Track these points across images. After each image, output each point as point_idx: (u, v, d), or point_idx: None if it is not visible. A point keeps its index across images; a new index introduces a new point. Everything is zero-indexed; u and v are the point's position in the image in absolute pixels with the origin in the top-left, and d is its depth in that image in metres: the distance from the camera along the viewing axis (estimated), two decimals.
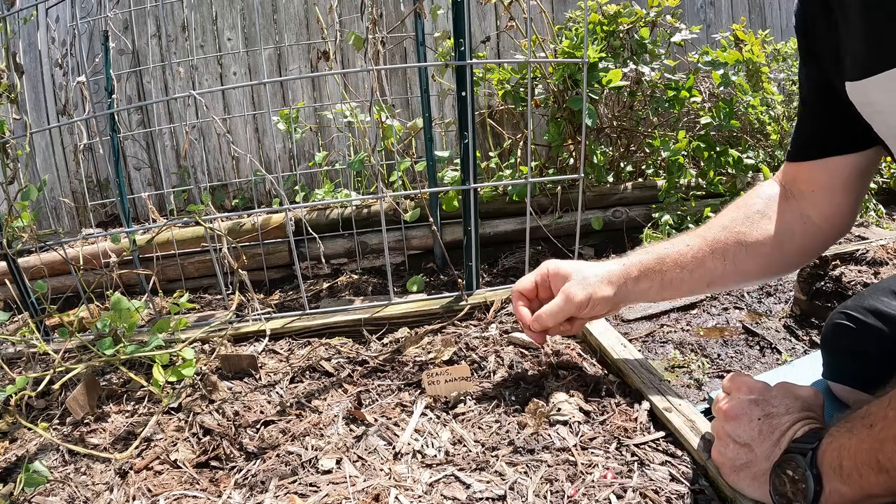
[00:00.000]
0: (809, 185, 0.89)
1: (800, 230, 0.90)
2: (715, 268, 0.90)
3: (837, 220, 0.90)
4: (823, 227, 0.90)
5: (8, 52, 1.24)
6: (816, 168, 0.87)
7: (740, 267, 0.90)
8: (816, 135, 0.86)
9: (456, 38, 1.26)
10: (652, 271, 0.92)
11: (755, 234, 0.90)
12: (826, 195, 0.88)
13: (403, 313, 1.29)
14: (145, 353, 1.04)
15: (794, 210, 0.90)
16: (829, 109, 0.81)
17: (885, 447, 0.54)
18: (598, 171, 2.22)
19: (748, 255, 0.89)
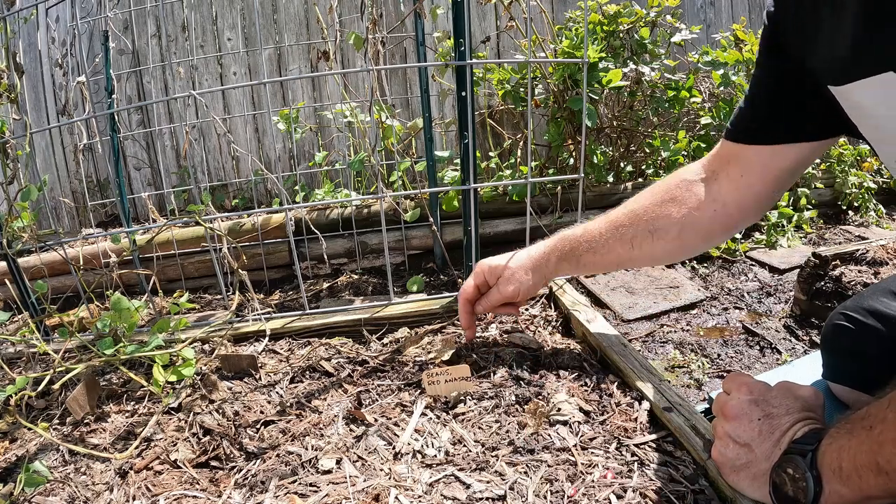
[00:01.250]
0: (742, 170, 0.89)
1: (709, 218, 0.94)
2: (622, 252, 1.00)
3: (751, 210, 0.93)
4: (735, 215, 0.93)
5: (8, 52, 1.24)
6: (760, 153, 0.87)
7: (646, 251, 0.98)
8: (773, 121, 0.85)
9: (456, 38, 1.26)
10: (569, 256, 1.04)
11: (661, 220, 0.96)
12: (754, 182, 0.89)
13: (403, 313, 1.29)
14: (145, 353, 1.04)
15: (710, 197, 0.93)
16: (797, 100, 0.81)
17: (884, 449, 0.54)
18: (598, 171, 2.22)
19: (654, 242, 0.97)
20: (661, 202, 0.97)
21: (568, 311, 1.23)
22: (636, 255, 0.99)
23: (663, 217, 0.96)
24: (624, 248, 0.99)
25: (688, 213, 0.94)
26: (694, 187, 0.95)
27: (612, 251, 1.00)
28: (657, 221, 0.96)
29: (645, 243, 0.97)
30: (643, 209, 0.98)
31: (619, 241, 0.99)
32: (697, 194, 0.94)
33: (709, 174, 0.95)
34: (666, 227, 0.95)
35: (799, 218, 2.36)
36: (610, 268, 1.06)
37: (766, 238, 2.22)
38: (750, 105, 0.88)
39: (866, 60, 0.62)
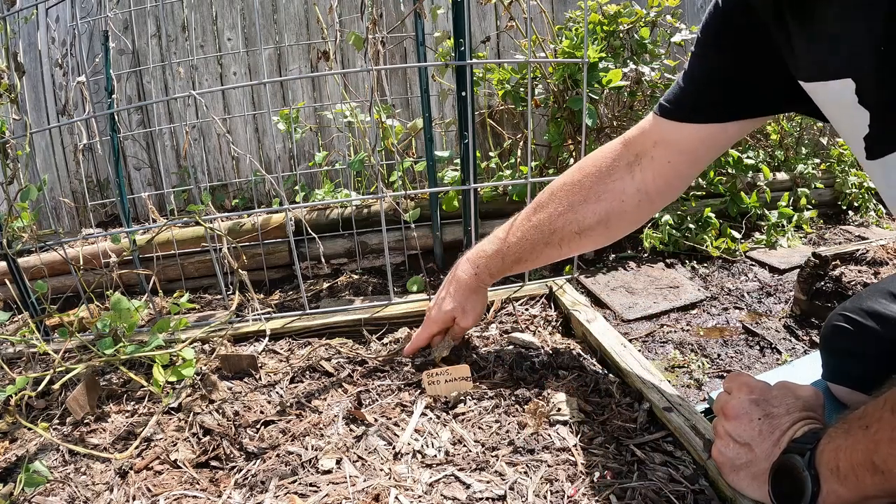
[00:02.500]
0: (672, 151, 0.88)
1: (633, 208, 0.94)
2: (552, 253, 1.03)
3: (671, 193, 0.94)
4: (656, 200, 0.94)
5: (8, 53, 1.24)
6: (699, 131, 0.84)
7: (574, 247, 1.02)
8: (725, 97, 0.81)
9: (456, 38, 1.26)
10: (500, 271, 1.08)
11: (587, 220, 0.97)
12: (682, 166, 0.88)
13: (403, 313, 1.29)
14: (145, 353, 1.04)
15: (634, 187, 0.93)
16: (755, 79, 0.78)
17: (881, 448, 0.54)
18: None
19: (581, 240, 0.99)
20: (584, 202, 0.97)
21: (568, 311, 1.24)
22: (565, 252, 1.03)
23: (588, 217, 0.96)
24: (552, 251, 1.02)
25: (613, 208, 0.95)
26: (616, 180, 0.94)
27: (540, 255, 1.03)
28: (583, 222, 0.97)
29: (573, 242, 1.00)
30: (566, 212, 0.98)
31: (547, 246, 1.01)
32: (620, 188, 0.94)
33: (631, 158, 0.93)
34: (592, 226, 0.97)
35: (799, 218, 2.36)
36: (538, 266, 1.11)
37: (766, 238, 2.22)
38: (693, 82, 0.84)
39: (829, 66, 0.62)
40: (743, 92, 0.80)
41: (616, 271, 2.02)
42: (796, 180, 2.52)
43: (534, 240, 1.02)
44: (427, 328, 1.12)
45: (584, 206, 0.97)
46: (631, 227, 1.01)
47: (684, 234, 2.16)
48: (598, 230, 0.98)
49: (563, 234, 0.99)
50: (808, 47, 0.65)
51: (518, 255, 1.04)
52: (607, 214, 0.96)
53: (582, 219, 0.97)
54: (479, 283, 1.09)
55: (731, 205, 2.35)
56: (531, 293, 1.36)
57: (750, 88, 0.79)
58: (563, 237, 0.99)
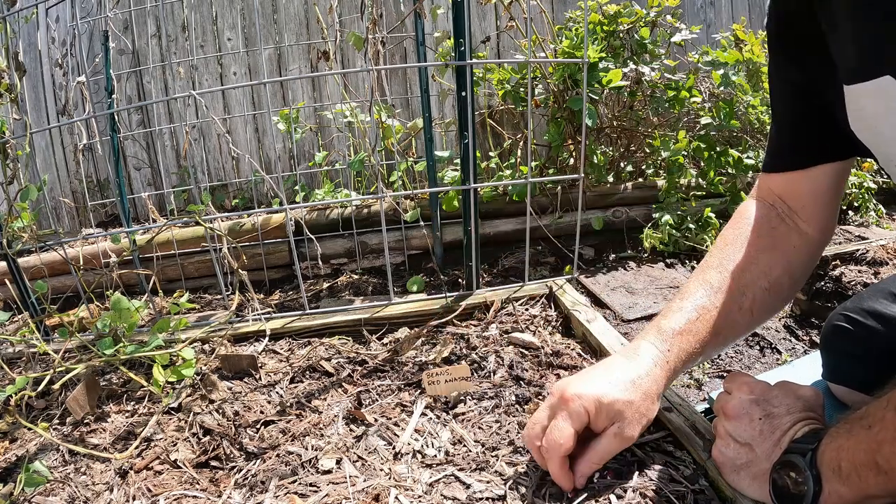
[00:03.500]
0: (795, 198, 0.84)
1: (805, 251, 0.84)
2: (744, 323, 0.81)
3: (828, 227, 0.86)
4: (818, 238, 0.85)
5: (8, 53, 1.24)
6: (800, 178, 0.82)
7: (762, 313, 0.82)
8: (795, 144, 0.82)
9: (456, 38, 1.26)
10: (693, 355, 0.77)
11: (775, 271, 0.81)
12: (816, 206, 0.83)
13: (403, 313, 1.29)
14: (145, 353, 1.04)
15: (793, 230, 0.84)
16: (804, 116, 0.78)
17: (883, 448, 0.54)
18: (598, 171, 2.22)
19: (769, 297, 0.81)
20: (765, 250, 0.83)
21: (568, 311, 1.23)
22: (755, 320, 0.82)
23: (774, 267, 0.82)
24: (745, 319, 0.80)
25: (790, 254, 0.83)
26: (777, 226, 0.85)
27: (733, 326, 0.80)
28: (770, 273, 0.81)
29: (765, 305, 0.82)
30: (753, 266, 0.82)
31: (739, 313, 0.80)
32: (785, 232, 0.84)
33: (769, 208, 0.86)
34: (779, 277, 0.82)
35: None
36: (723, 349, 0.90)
37: None
38: (774, 130, 0.84)
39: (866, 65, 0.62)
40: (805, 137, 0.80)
41: (616, 271, 2.02)
42: None
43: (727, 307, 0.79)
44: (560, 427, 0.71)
45: (767, 255, 0.82)
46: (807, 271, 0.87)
47: (684, 234, 2.16)
48: (784, 281, 0.82)
49: (754, 291, 0.80)
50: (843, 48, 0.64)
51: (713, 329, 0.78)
52: (788, 261, 0.82)
53: (768, 270, 0.81)
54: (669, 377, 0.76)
55: (731, 205, 2.35)
56: (531, 293, 1.36)
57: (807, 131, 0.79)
58: (754, 296, 0.80)
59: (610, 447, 0.71)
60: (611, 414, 0.71)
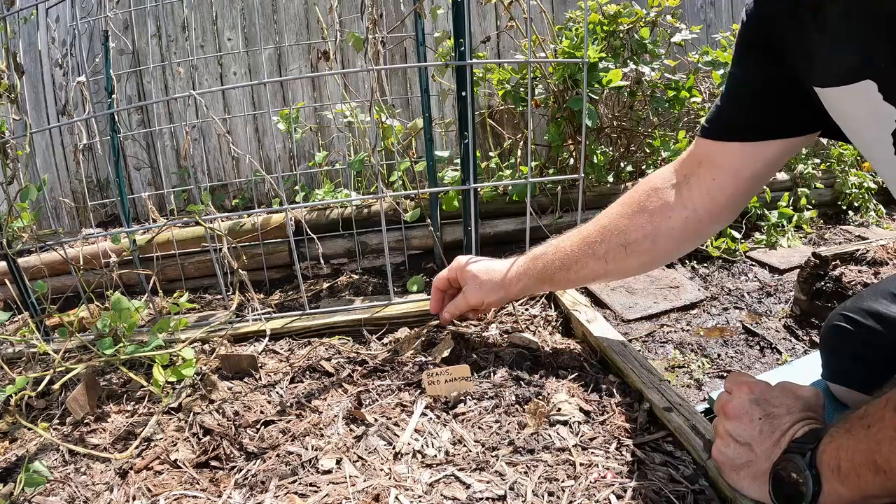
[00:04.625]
0: (715, 171, 0.88)
1: (681, 226, 0.92)
2: (597, 268, 0.99)
3: (722, 215, 0.92)
4: (706, 220, 0.92)
5: (8, 53, 1.24)
6: (738, 150, 0.85)
7: (620, 265, 0.98)
8: (753, 116, 0.83)
9: (456, 38, 1.26)
10: (541, 276, 1.04)
11: (634, 234, 0.95)
12: (727, 185, 0.87)
13: (403, 313, 1.29)
14: (145, 353, 1.04)
15: (681, 203, 0.92)
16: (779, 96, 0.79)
17: (882, 448, 0.54)
18: (598, 171, 2.22)
19: (627, 254, 0.96)
20: (632, 214, 0.96)
21: (568, 311, 1.23)
22: (610, 268, 0.98)
23: (635, 230, 0.95)
24: (598, 264, 0.98)
25: (659, 223, 0.93)
26: (664, 195, 0.94)
27: (585, 267, 1.00)
28: (629, 235, 0.95)
29: (619, 258, 0.97)
30: (614, 223, 0.97)
31: (592, 258, 0.98)
32: (668, 203, 0.93)
33: (680, 178, 0.93)
34: (638, 240, 0.95)
35: (799, 218, 2.36)
36: (584, 282, 1.07)
37: (766, 238, 2.22)
38: (728, 102, 0.86)
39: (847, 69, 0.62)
40: (768, 112, 0.81)
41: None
42: (796, 180, 2.52)
43: (581, 250, 1.00)
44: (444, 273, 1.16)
45: (633, 219, 0.95)
46: (678, 246, 0.98)
47: None
48: (644, 245, 0.95)
49: (609, 245, 0.97)
50: (826, 52, 0.65)
51: (562, 263, 1.01)
52: (654, 229, 0.94)
53: (629, 231, 0.95)
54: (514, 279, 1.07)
55: None
56: None
57: (774, 108, 0.80)
58: (608, 249, 0.97)
59: (458, 301, 1.13)
60: (466, 277, 1.11)
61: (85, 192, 2.86)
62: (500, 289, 1.08)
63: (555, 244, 1.05)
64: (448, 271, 1.16)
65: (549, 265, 1.03)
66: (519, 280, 1.07)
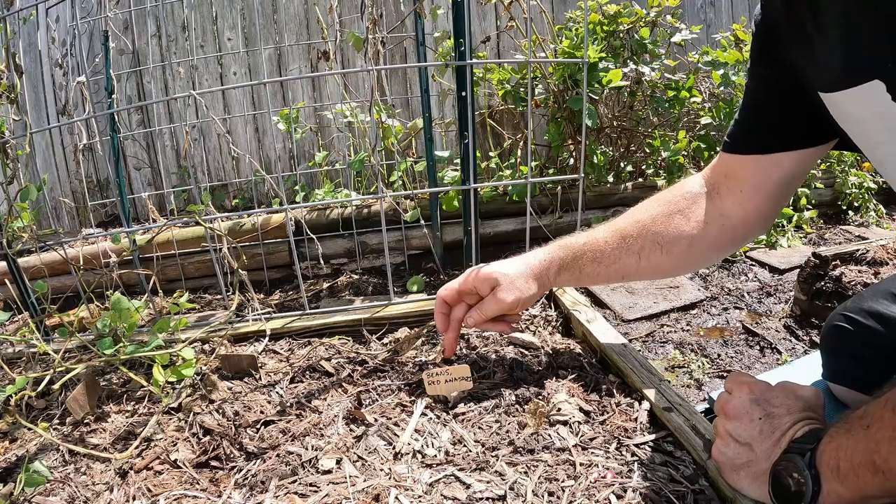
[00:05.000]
0: (739, 182, 0.88)
1: (716, 232, 0.92)
2: (630, 263, 0.95)
3: (755, 224, 0.92)
4: (739, 228, 0.91)
5: (8, 53, 1.24)
6: (756, 163, 0.86)
7: (654, 263, 0.94)
8: (765, 129, 0.84)
9: (456, 38, 1.26)
10: (570, 266, 0.97)
11: (671, 233, 0.92)
12: (753, 195, 0.88)
13: (404, 313, 1.29)
14: (145, 353, 1.04)
15: (714, 210, 0.91)
16: (787, 107, 0.80)
17: (881, 448, 0.54)
18: (598, 171, 2.22)
19: (662, 254, 0.93)
20: (670, 213, 0.93)
21: (568, 311, 1.23)
22: (644, 266, 0.94)
23: (673, 229, 0.92)
24: (631, 260, 0.94)
25: (696, 226, 0.92)
26: (699, 200, 0.93)
27: (617, 261, 0.95)
28: (667, 234, 0.92)
29: (654, 255, 0.93)
30: (651, 220, 0.94)
31: (627, 252, 0.94)
32: (704, 208, 0.92)
33: (710, 188, 0.93)
34: (675, 240, 0.92)
35: (799, 218, 2.36)
36: (613, 279, 1.00)
37: (766, 238, 2.22)
38: (744, 114, 0.87)
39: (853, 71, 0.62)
40: (779, 122, 0.82)
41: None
42: None
43: (615, 243, 0.95)
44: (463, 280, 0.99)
45: (671, 218, 0.93)
46: (713, 252, 0.96)
47: None
48: (680, 246, 0.92)
49: (644, 241, 0.93)
50: (828, 55, 0.65)
51: (594, 257, 0.96)
52: (691, 231, 0.92)
53: (667, 230, 0.92)
54: (539, 272, 0.97)
55: None
56: None
57: (785, 118, 0.81)
58: (643, 246, 0.93)
59: (487, 305, 0.96)
60: (490, 280, 0.96)
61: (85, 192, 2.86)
62: (532, 279, 0.97)
63: (586, 234, 0.99)
64: (460, 282, 1.00)
65: (579, 255, 0.97)
66: (548, 268, 0.98)
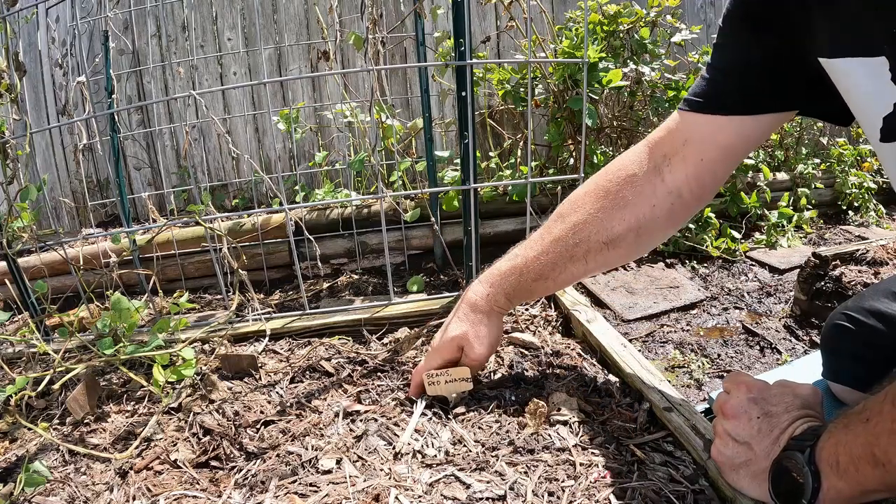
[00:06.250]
0: (703, 150, 0.82)
1: (666, 215, 0.87)
2: (577, 270, 0.92)
3: (704, 195, 0.87)
4: (690, 204, 0.87)
5: (9, 52, 1.24)
6: (733, 126, 0.79)
7: (601, 262, 0.91)
8: (751, 89, 0.77)
9: (456, 38, 1.26)
10: (517, 292, 0.95)
11: (615, 230, 0.87)
12: (717, 163, 0.82)
13: (404, 313, 1.29)
14: (145, 353, 1.04)
15: (665, 190, 0.85)
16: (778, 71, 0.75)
17: (881, 441, 0.54)
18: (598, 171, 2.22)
19: (609, 252, 0.89)
20: (610, 207, 0.87)
21: (568, 311, 1.23)
22: (591, 267, 0.92)
23: (616, 224, 0.87)
24: (577, 266, 0.91)
25: (643, 215, 0.86)
26: (644, 184, 0.86)
27: (564, 272, 0.91)
28: (610, 231, 0.87)
29: (600, 256, 0.89)
30: (590, 220, 0.88)
31: (571, 261, 0.90)
32: (650, 191, 0.86)
33: (659, 160, 0.85)
34: (621, 235, 0.87)
35: (799, 218, 2.36)
36: (564, 286, 0.99)
37: (766, 238, 2.22)
38: (721, 76, 0.80)
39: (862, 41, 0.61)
40: (768, 85, 0.76)
41: (616, 271, 2.02)
42: (796, 180, 2.52)
43: (556, 254, 0.90)
44: (429, 360, 0.97)
45: (612, 213, 0.87)
46: (663, 234, 0.92)
47: (684, 234, 2.16)
48: (628, 239, 0.87)
49: (588, 245, 0.88)
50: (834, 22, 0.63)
51: (538, 272, 0.92)
52: (637, 221, 0.86)
53: (610, 227, 0.87)
54: (491, 305, 0.95)
55: (730, 205, 2.35)
56: None
57: (776, 81, 0.76)
58: (588, 249, 0.88)
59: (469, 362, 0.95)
60: (455, 343, 0.95)
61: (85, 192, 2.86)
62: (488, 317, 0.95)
63: (521, 255, 0.94)
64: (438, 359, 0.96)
65: (523, 279, 0.93)
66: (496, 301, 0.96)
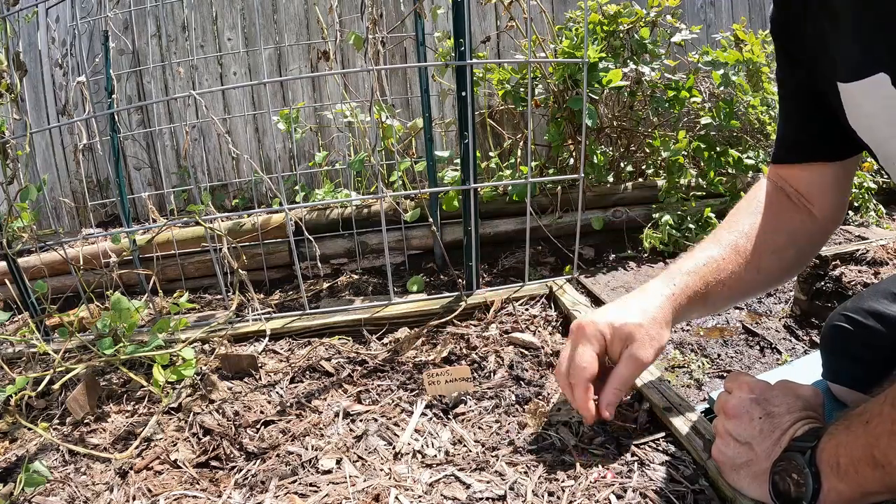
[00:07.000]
0: (802, 186, 0.88)
1: (812, 228, 0.89)
2: (751, 280, 0.85)
3: (832, 214, 0.90)
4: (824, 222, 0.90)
5: (9, 52, 1.24)
6: (803, 171, 0.86)
7: (768, 274, 0.87)
8: (799, 139, 0.84)
9: (456, 38, 1.26)
10: (698, 295, 0.83)
11: (781, 239, 0.87)
12: (823, 196, 0.87)
13: (403, 313, 1.29)
14: (145, 353, 1.04)
15: (800, 209, 0.89)
16: (811, 115, 0.80)
17: (881, 442, 0.54)
18: (598, 171, 2.22)
19: (777, 261, 0.87)
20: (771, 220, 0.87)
21: (568, 311, 1.23)
22: (760, 279, 0.87)
23: (782, 235, 0.87)
24: (751, 275, 0.85)
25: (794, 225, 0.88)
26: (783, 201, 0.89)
27: (739, 279, 0.85)
28: (778, 240, 0.87)
29: (772, 267, 0.87)
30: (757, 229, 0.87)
31: (746, 267, 0.85)
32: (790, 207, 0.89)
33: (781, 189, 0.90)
34: (786, 244, 0.87)
35: None
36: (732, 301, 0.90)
37: None
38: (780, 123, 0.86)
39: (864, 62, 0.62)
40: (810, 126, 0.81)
41: (616, 271, 2.02)
42: None
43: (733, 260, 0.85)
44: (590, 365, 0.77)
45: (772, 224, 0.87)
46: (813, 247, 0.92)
47: (684, 234, 2.16)
48: (790, 251, 0.87)
49: (761, 252, 0.85)
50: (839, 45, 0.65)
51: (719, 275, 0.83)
52: (793, 234, 0.86)
53: (774, 237, 0.86)
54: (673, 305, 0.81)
55: (731, 205, 2.35)
56: (531, 293, 1.36)
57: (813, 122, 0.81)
58: (761, 257, 0.85)
59: (627, 370, 0.77)
60: (623, 336, 0.77)
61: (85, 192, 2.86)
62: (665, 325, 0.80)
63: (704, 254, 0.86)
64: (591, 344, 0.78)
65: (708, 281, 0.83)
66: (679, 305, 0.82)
